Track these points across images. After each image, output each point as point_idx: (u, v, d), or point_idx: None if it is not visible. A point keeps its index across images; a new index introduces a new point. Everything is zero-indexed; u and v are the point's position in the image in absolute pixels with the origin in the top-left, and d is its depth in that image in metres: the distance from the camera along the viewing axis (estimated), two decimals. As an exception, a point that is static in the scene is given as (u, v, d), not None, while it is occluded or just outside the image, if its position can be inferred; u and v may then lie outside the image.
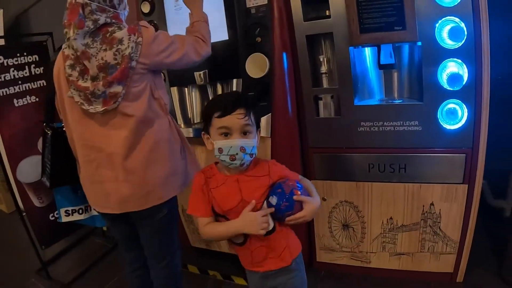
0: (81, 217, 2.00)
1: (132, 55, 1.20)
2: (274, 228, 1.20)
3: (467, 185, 1.70)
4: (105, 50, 1.20)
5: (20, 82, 2.24)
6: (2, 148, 2.21)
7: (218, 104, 1.17)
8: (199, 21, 1.47)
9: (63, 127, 1.47)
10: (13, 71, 2.20)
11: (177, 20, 1.80)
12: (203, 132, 1.22)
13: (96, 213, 1.99)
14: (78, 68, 1.22)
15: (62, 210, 1.97)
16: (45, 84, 2.34)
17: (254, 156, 1.18)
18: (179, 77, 1.88)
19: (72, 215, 1.99)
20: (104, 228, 2.86)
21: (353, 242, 2.00)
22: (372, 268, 2.01)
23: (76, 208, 1.98)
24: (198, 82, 1.82)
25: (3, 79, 2.16)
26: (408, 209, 1.80)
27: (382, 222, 1.87)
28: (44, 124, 1.57)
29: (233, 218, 1.17)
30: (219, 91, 1.93)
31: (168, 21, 1.88)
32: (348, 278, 2.06)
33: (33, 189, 2.33)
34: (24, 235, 2.40)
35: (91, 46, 1.20)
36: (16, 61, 2.22)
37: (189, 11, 1.54)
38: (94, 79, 1.21)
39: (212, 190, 1.19)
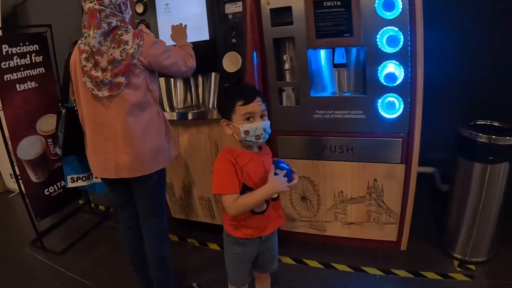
0: (84, 183, 2.41)
1: (134, 54, 1.62)
2: (278, 194, 1.64)
3: (404, 165, 2.20)
4: (114, 48, 1.62)
5: (22, 69, 2.61)
6: (6, 128, 2.58)
7: (240, 94, 1.51)
8: (186, 46, 1.93)
9: (74, 107, 1.90)
10: (16, 58, 2.57)
11: (167, 21, 2.23)
12: (223, 120, 1.55)
13: (96, 181, 2.41)
14: (92, 61, 1.64)
15: (69, 177, 2.38)
16: (44, 71, 2.74)
17: (269, 133, 1.55)
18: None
19: (77, 181, 2.40)
20: (93, 205, 3.30)
21: (311, 212, 2.50)
22: (327, 236, 2.52)
23: (80, 175, 2.39)
24: (183, 74, 2.27)
25: (8, 66, 2.52)
26: (355, 184, 2.30)
27: (334, 195, 2.37)
28: (60, 104, 1.97)
29: (254, 184, 1.52)
30: (200, 83, 2.39)
31: (158, 21, 2.32)
32: (307, 245, 2.55)
33: (31, 166, 2.73)
34: (17, 211, 2.81)
35: (103, 44, 1.61)
36: (19, 49, 2.59)
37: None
38: (103, 70, 1.63)
39: (243, 167, 1.51)
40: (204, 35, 2.18)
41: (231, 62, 2.17)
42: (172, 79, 2.43)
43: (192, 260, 2.55)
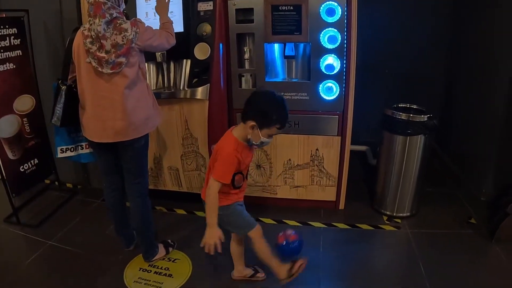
0: (72, 154, 3.03)
1: (132, 39, 2.33)
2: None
3: (340, 137, 3.13)
4: (116, 34, 2.30)
5: (2, 50, 3.08)
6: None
7: (283, 120, 2.10)
8: (167, 23, 2.67)
9: (71, 84, 2.59)
10: (-4, 41, 3.08)
11: (145, 11, 3.00)
12: (254, 124, 2.07)
13: (82, 152, 3.07)
14: (97, 44, 2.30)
15: (59, 148, 3.00)
16: (21, 53, 3.26)
17: None
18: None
19: (65, 152, 3.02)
20: (57, 184, 3.92)
21: (264, 178, 3.38)
22: (278, 198, 3.40)
23: (69, 147, 3.01)
24: (158, 60, 3.03)
25: (-12, 48, 3.04)
26: (301, 153, 3.19)
27: (284, 163, 3.26)
28: (60, 81, 2.63)
29: (245, 171, 2.25)
30: (172, 68, 3.15)
31: (138, 10, 3.04)
32: (261, 207, 3.43)
33: (8, 143, 3.25)
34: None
35: (107, 31, 2.30)
36: (-1, 32, 3.12)
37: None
38: (107, 52, 2.30)
39: (243, 158, 2.17)
40: (179, 28, 2.95)
41: (201, 51, 2.99)
42: (146, 64, 3.17)
43: (162, 223, 3.29)
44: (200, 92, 3.02)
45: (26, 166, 3.45)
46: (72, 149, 3.01)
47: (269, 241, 2.39)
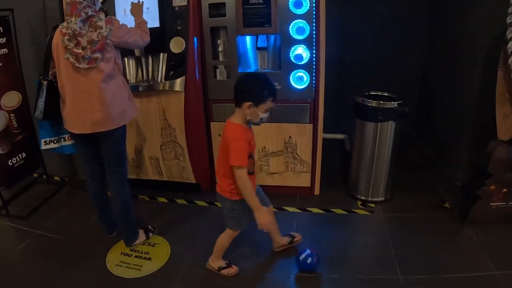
0: (55, 146, 3.22)
1: (107, 36, 2.56)
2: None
3: (312, 124, 3.36)
4: (92, 31, 2.53)
5: None
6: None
7: (273, 92, 2.32)
8: (141, 23, 2.91)
9: (52, 79, 2.83)
10: (-18, 39, 3.30)
11: (124, 8, 3.22)
12: (250, 103, 2.29)
13: (64, 143, 3.29)
14: (74, 41, 2.53)
15: (42, 140, 3.20)
16: (7, 52, 3.46)
17: None
18: (121, 50, 3.26)
19: (49, 144, 3.21)
20: (45, 177, 4.17)
21: None
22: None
23: (52, 139, 3.21)
24: (136, 54, 3.27)
25: (-25, 46, 3.27)
26: (275, 140, 3.43)
27: (259, 150, 3.49)
28: (42, 77, 2.84)
29: (254, 154, 2.48)
30: (150, 62, 3.39)
31: (116, 8, 3.27)
32: None
33: None
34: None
35: (83, 28, 2.53)
36: (-15, 31, 3.31)
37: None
38: (83, 49, 2.53)
39: (250, 140, 2.39)
40: (155, 23, 3.18)
41: (176, 45, 3.22)
42: (125, 59, 3.39)
43: (144, 211, 3.53)
44: (177, 84, 3.27)
45: (14, 160, 3.66)
46: (55, 141, 3.23)
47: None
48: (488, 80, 3.02)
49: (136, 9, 2.98)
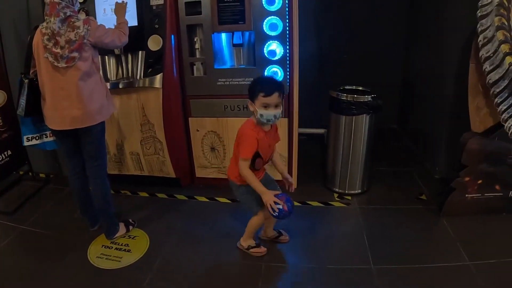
0: (37, 142, 3.36)
1: (84, 35, 2.70)
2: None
3: (287, 118, 3.52)
4: (70, 31, 2.67)
5: None
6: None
7: (264, 87, 2.45)
8: (122, 23, 3.06)
9: (33, 78, 2.97)
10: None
11: (103, 7, 3.41)
12: (249, 101, 2.53)
13: (46, 140, 3.44)
14: (52, 41, 2.68)
15: (25, 137, 3.33)
16: None
17: (280, 118, 2.56)
18: (101, 49, 3.25)
19: (31, 140, 3.35)
20: (30, 174, 4.34)
21: (218, 160, 3.79)
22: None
23: (34, 135, 3.34)
24: (116, 53, 3.44)
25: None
26: (251, 135, 3.61)
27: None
28: (23, 75, 2.99)
29: (264, 155, 2.64)
30: (130, 60, 3.56)
31: (96, 8, 3.44)
32: (217, 187, 3.87)
33: None
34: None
35: (61, 28, 2.67)
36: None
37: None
38: (62, 48, 2.68)
39: (258, 140, 2.55)
40: (133, 22, 3.34)
41: (154, 43, 3.38)
42: (106, 57, 3.56)
43: (126, 205, 3.70)
44: (155, 80, 3.43)
45: (0, 158, 3.85)
46: (37, 138, 3.39)
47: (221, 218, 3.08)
48: (463, 73, 3.18)
49: (119, 9, 3.15)
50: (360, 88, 3.62)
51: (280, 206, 2.59)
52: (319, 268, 2.87)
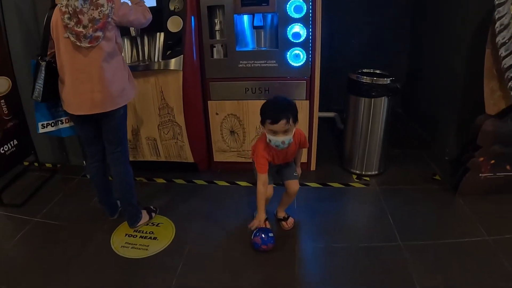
0: (53, 129, 3.23)
1: (109, 14, 2.63)
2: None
3: (308, 101, 3.52)
4: (93, 9, 2.59)
5: None
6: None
7: (271, 115, 2.52)
8: (140, 1, 2.95)
9: (50, 60, 2.85)
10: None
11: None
12: (261, 124, 2.62)
13: (62, 126, 3.32)
14: (74, 20, 2.59)
15: (40, 124, 3.20)
16: None
17: (290, 143, 2.64)
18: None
19: (46, 127, 3.22)
20: (36, 164, 4.17)
21: (238, 144, 3.77)
22: (251, 163, 3.69)
23: (50, 122, 3.22)
24: (132, 34, 3.34)
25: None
26: (272, 117, 3.57)
27: (256, 128, 3.64)
28: (39, 57, 2.88)
29: (276, 162, 2.79)
30: (146, 42, 3.46)
31: None
32: (236, 171, 3.85)
33: None
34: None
35: (84, 6, 2.58)
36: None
37: None
38: (85, 27, 2.59)
39: (273, 155, 2.72)
40: (152, 2, 3.26)
41: (173, 25, 3.31)
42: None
43: (143, 192, 3.62)
44: (174, 63, 3.35)
45: (6, 148, 3.66)
46: (52, 124, 3.25)
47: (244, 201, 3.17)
48: (475, 59, 3.26)
49: None
50: (378, 71, 3.63)
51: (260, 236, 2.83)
52: (351, 247, 2.90)
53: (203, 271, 2.73)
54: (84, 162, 4.12)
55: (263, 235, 2.82)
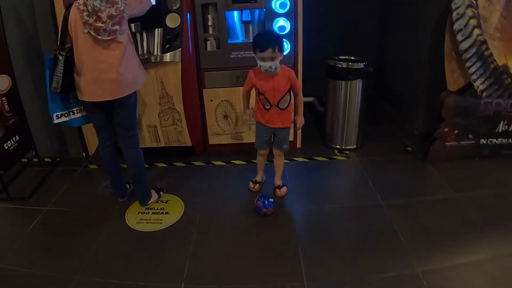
0: (66, 119, 3.44)
1: (123, 10, 2.99)
2: (287, 107, 3.29)
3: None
4: (110, 7, 2.93)
5: None
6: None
7: (259, 44, 3.00)
8: None
9: (67, 54, 3.15)
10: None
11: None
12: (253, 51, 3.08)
13: (74, 116, 3.57)
14: (94, 17, 2.92)
15: (54, 115, 3.41)
16: None
17: (278, 68, 3.10)
18: None
19: (60, 118, 3.43)
20: (36, 160, 4.38)
21: (231, 127, 4.22)
22: (245, 143, 4.26)
23: (63, 112, 3.45)
24: (133, 30, 3.67)
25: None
26: (262, 101, 4.02)
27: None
28: (58, 52, 3.13)
29: (268, 95, 3.18)
30: (145, 38, 3.83)
31: None
32: (230, 152, 4.33)
33: None
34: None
35: (101, 4, 2.92)
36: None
37: None
38: (104, 22, 2.93)
39: (258, 81, 3.18)
40: (152, 1, 3.59)
41: (171, 21, 3.72)
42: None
43: (147, 176, 3.75)
44: (174, 55, 3.75)
45: (9, 143, 3.83)
46: (66, 115, 3.51)
47: (241, 176, 3.84)
48: (437, 44, 3.86)
49: None
50: (352, 58, 4.16)
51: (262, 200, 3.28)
52: (339, 207, 3.43)
53: (214, 235, 3.13)
54: (83, 154, 4.43)
55: (264, 200, 3.26)
